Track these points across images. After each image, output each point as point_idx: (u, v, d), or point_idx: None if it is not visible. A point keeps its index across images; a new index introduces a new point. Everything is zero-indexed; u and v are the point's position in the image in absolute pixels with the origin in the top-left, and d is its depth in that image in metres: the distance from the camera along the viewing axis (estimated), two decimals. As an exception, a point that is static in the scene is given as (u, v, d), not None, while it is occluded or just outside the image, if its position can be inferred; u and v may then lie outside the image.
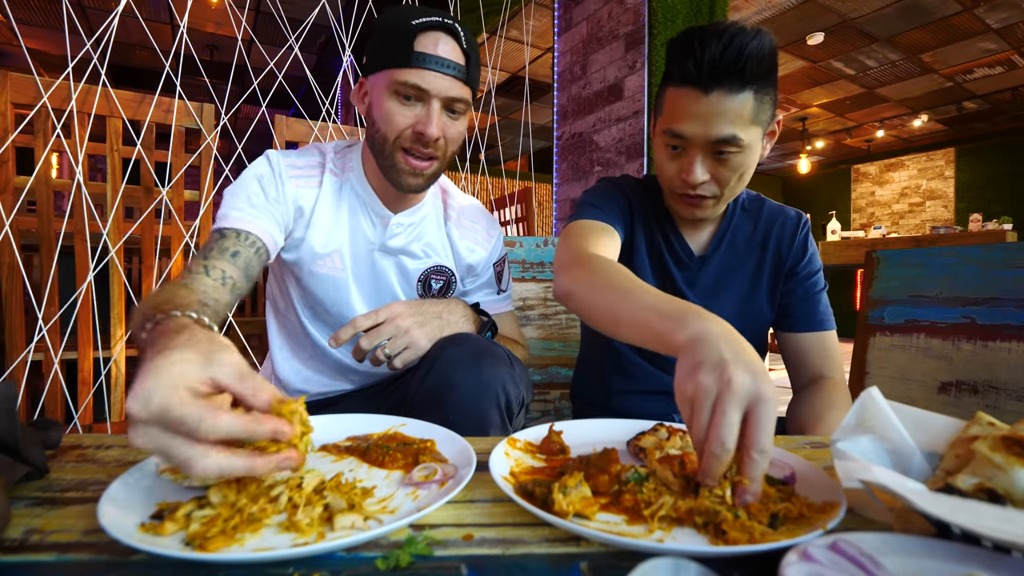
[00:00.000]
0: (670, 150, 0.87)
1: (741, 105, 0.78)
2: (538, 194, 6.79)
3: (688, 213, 0.92)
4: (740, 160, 0.83)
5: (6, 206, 1.28)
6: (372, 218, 0.96)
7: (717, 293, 0.99)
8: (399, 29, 0.84)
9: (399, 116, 0.86)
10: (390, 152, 0.88)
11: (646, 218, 1.01)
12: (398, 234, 0.97)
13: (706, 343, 0.48)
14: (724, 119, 0.79)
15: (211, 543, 0.36)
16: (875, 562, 0.31)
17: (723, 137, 0.80)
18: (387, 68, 0.85)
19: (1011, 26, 5.02)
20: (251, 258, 0.84)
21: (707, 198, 0.87)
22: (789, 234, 0.99)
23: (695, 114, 0.80)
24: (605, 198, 0.98)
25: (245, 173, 0.91)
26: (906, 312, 1.13)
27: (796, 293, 0.99)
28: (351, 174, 0.97)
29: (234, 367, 0.42)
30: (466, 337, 0.82)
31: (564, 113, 2.98)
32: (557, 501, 0.41)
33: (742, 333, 0.99)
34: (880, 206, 9.46)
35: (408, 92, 0.85)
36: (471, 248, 1.05)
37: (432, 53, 0.83)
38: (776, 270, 0.99)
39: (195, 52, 1.66)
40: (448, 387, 0.75)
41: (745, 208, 1.02)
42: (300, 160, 0.94)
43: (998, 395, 0.96)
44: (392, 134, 0.87)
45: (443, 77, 0.84)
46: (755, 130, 0.82)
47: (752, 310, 0.99)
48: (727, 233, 0.99)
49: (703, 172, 0.84)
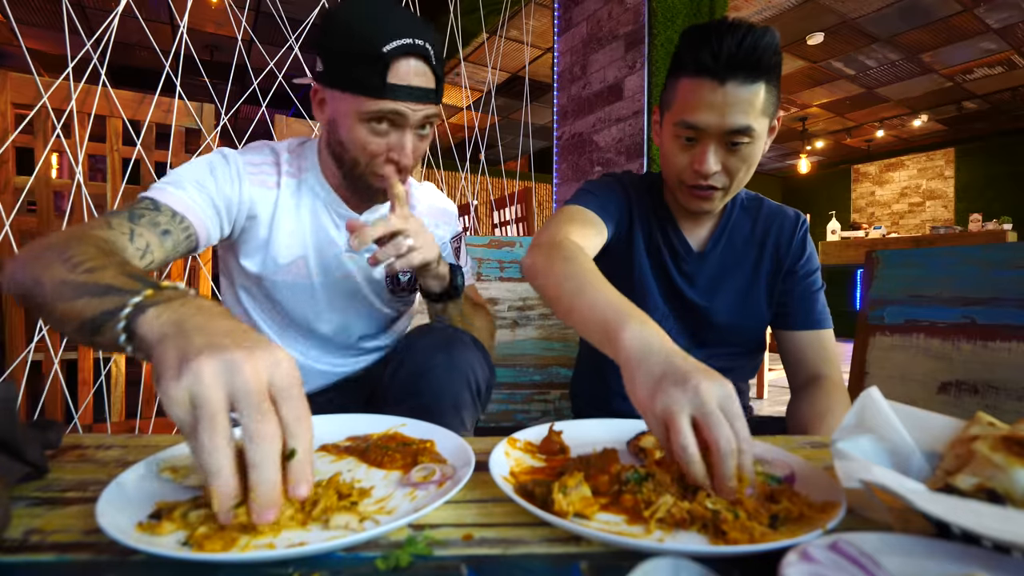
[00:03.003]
0: (683, 142, 0.86)
1: (755, 96, 0.80)
2: (538, 194, 6.80)
3: (696, 206, 0.91)
4: (750, 151, 0.84)
5: (6, 206, 1.28)
6: (335, 219, 0.93)
7: (715, 290, 1.00)
8: (368, 53, 0.77)
9: (372, 144, 0.83)
10: (360, 175, 0.86)
11: (645, 214, 1.01)
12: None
13: (651, 355, 0.50)
14: (739, 109, 0.80)
15: (210, 543, 0.36)
16: (875, 562, 0.31)
17: (738, 127, 0.81)
18: (356, 94, 0.80)
19: (1011, 26, 5.02)
20: (179, 243, 0.77)
21: (717, 189, 0.88)
22: (788, 233, 1.00)
23: (711, 104, 0.81)
24: (604, 190, 0.99)
25: (198, 159, 0.85)
26: (906, 312, 1.13)
27: (794, 292, 0.99)
28: (308, 175, 0.92)
29: (294, 372, 0.40)
30: (432, 328, 0.88)
31: (564, 113, 2.98)
32: (557, 501, 0.41)
33: (740, 331, 1.01)
34: (880, 206, 9.46)
35: (382, 121, 0.82)
36: (433, 230, 1.03)
37: (406, 84, 0.79)
38: (774, 268, 1.00)
39: (195, 52, 1.66)
40: (422, 374, 0.79)
41: (744, 206, 1.02)
42: (256, 158, 0.90)
43: (998, 395, 0.96)
44: (364, 159, 0.84)
45: (416, 104, 0.82)
46: (764, 121, 0.83)
47: (750, 308, 1.00)
48: (726, 230, 1.00)
49: (716, 163, 0.84)
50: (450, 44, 2.75)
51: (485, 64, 5.50)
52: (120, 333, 0.46)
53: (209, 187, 0.82)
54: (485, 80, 6.02)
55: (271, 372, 0.39)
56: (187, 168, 0.83)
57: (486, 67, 5.52)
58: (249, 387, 0.37)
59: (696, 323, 1.01)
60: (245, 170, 0.87)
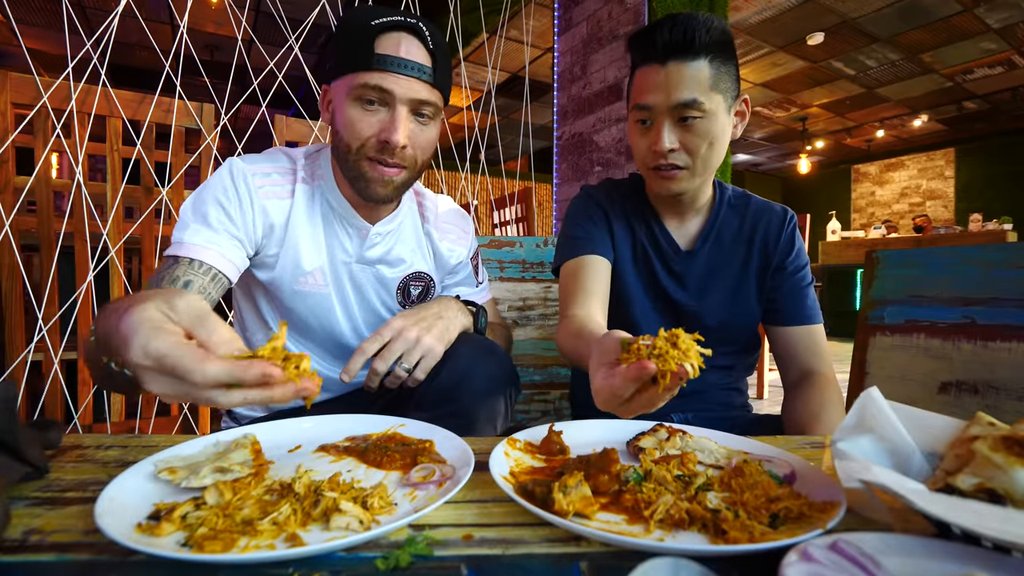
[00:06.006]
0: (640, 126, 0.91)
1: (698, 72, 0.84)
2: (538, 194, 6.80)
3: (662, 187, 0.93)
4: (706, 127, 0.87)
5: (6, 206, 1.28)
6: (348, 230, 0.92)
7: (705, 289, 1.00)
8: (358, 31, 0.79)
9: (362, 123, 0.80)
10: (355, 162, 0.83)
11: (627, 217, 1.03)
12: (376, 244, 0.94)
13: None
14: (683, 85, 0.85)
15: (210, 544, 0.36)
16: (875, 562, 0.31)
17: (683, 100, 0.84)
18: (347, 73, 0.80)
19: (1011, 26, 5.02)
20: (206, 286, 0.78)
21: (680, 168, 0.90)
22: (775, 229, 1.01)
23: (657, 84, 0.86)
24: (582, 222, 1.02)
25: (205, 189, 0.84)
26: (906, 312, 1.13)
27: (783, 288, 1.00)
28: (322, 182, 0.91)
29: (190, 308, 0.45)
30: (469, 337, 0.87)
31: (564, 113, 2.98)
32: (557, 501, 0.41)
33: (731, 329, 1.03)
34: (880, 206, 9.46)
35: (370, 96, 0.80)
36: (451, 248, 1.03)
37: (394, 55, 0.78)
38: (763, 265, 1.01)
39: (195, 52, 1.66)
40: (462, 383, 0.79)
41: (732, 204, 1.03)
42: (269, 166, 0.88)
43: (998, 395, 0.96)
44: (355, 142, 0.82)
45: (407, 79, 0.79)
46: (716, 97, 0.86)
47: (740, 306, 1.01)
48: (714, 228, 1.01)
49: (672, 139, 0.87)
50: (450, 44, 2.75)
51: (485, 64, 5.50)
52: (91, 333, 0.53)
53: (220, 218, 0.82)
54: (485, 80, 6.02)
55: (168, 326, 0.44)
56: (196, 203, 0.82)
57: (486, 67, 5.52)
58: (166, 362, 0.42)
59: (687, 326, 0.99)
60: (254, 183, 0.85)
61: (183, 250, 0.79)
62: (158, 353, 0.41)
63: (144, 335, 0.42)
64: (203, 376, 0.40)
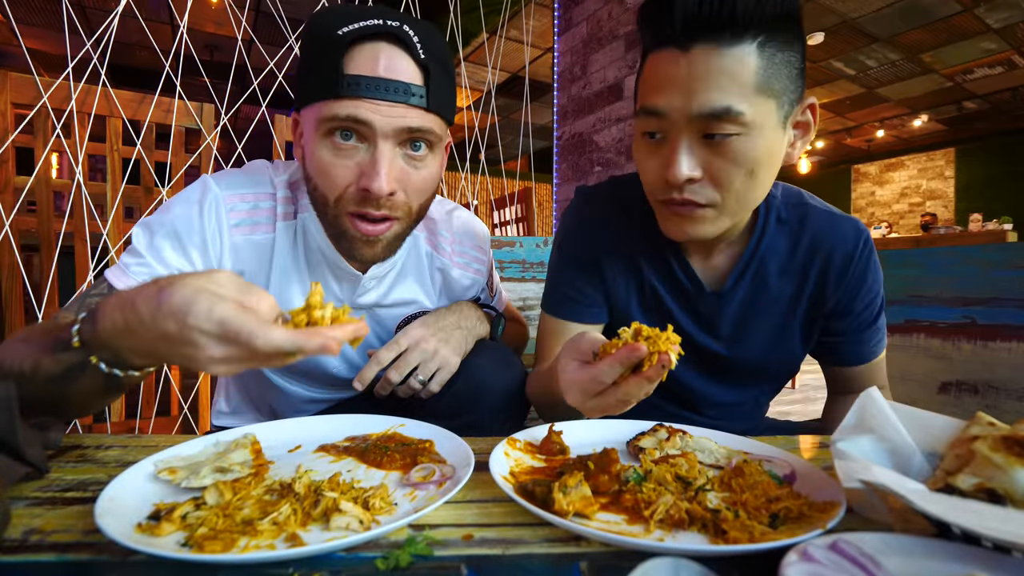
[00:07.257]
0: (647, 141, 0.64)
1: (736, 62, 0.56)
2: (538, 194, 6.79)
3: (677, 231, 0.66)
4: (743, 146, 0.58)
5: (6, 206, 1.28)
6: (337, 274, 0.79)
7: (740, 335, 0.77)
8: (322, 43, 0.61)
9: (335, 168, 0.64)
10: (333, 217, 0.68)
11: (629, 256, 0.79)
12: (370, 290, 0.82)
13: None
14: (712, 83, 0.56)
15: (210, 544, 0.36)
16: (875, 562, 0.31)
17: (712, 109, 0.57)
18: (314, 101, 0.63)
19: (1011, 26, 5.02)
20: None
21: (701, 206, 0.63)
22: (841, 263, 0.73)
23: (673, 79, 0.58)
24: (568, 266, 0.81)
25: (168, 212, 0.70)
26: (906, 312, 1.13)
27: (848, 332, 0.76)
28: (306, 215, 0.75)
29: (232, 281, 0.45)
30: (485, 345, 0.84)
31: (564, 113, 2.98)
32: (557, 501, 0.41)
33: (766, 373, 0.84)
34: (880, 206, 9.46)
35: (345, 128, 0.63)
36: (468, 276, 0.92)
37: (370, 74, 0.61)
38: (816, 304, 0.75)
39: (195, 52, 1.66)
40: (477, 396, 0.76)
41: (781, 219, 0.74)
42: (250, 193, 0.74)
43: (998, 395, 0.96)
44: (332, 194, 0.66)
45: (389, 106, 0.62)
46: (764, 103, 0.58)
47: (783, 350, 0.78)
48: (753, 259, 0.74)
49: (691, 164, 0.60)
50: (450, 44, 2.75)
51: (485, 64, 5.50)
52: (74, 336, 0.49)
53: (179, 262, 0.69)
54: (485, 80, 6.02)
55: (228, 295, 0.43)
56: (153, 227, 0.70)
57: (486, 67, 5.52)
58: (229, 327, 0.41)
59: (712, 368, 0.80)
60: (227, 219, 0.72)
61: (123, 279, 0.66)
62: (222, 318, 0.41)
63: (207, 302, 0.41)
64: (267, 342, 0.41)
